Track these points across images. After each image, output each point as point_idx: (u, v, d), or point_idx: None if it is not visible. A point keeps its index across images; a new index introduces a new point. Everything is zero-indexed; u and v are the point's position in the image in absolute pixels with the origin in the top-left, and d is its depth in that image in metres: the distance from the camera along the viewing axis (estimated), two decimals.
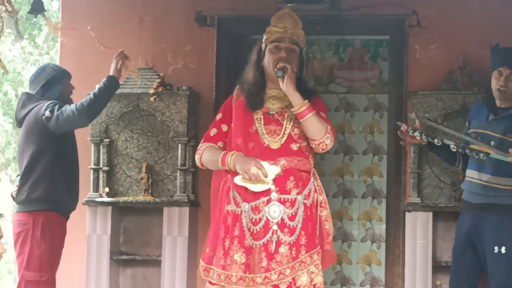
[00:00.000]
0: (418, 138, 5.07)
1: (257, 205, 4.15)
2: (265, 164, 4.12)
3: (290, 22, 4.35)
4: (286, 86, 4.19)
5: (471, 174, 5.14)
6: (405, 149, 6.24)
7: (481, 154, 4.87)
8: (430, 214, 6.11)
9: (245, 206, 4.16)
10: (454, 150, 4.99)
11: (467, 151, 4.94)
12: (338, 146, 8.11)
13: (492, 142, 4.94)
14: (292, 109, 4.22)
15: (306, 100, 4.21)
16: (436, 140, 4.96)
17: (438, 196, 6.16)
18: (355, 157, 8.13)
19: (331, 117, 7.88)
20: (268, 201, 4.14)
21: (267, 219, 4.13)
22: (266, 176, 4.10)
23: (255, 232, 4.13)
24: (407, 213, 6.18)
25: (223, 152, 4.22)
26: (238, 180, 4.15)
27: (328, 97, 8.13)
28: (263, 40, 4.37)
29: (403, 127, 5.12)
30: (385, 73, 7.66)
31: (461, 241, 5.20)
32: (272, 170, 4.13)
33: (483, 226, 5.07)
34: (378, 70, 8.10)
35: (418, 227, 6.13)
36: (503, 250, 5.02)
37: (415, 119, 5.21)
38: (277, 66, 4.22)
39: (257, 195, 4.15)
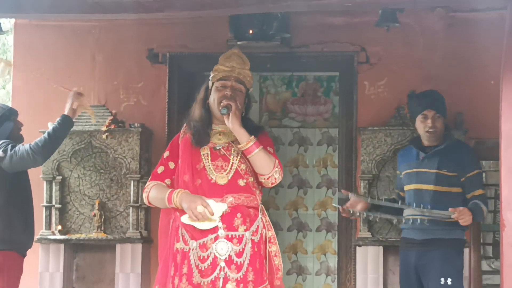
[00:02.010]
0: (362, 215, 5.35)
1: (205, 242, 4.16)
2: (211, 202, 4.14)
3: (238, 62, 4.39)
4: (232, 123, 4.22)
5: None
6: (356, 183, 6.30)
7: (424, 220, 5.07)
8: (381, 248, 6.18)
9: (193, 243, 4.17)
10: (395, 223, 5.22)
11: (408, 222, 5.16)
12: (292, 180, 8.17)
13: (424, 208, 5.09)
14: (239, 146, 4.24)
15: (253, 136, 4.23)
16: (374, 217, 5.25)
17: (388, 230, 6.22)
18: (309, 190, 8.18)
19: (284, 152, 8.07)
20: (216, 238, 4.16)
21: (215, 256, 4.14)
22: (212, 215, 4.12)
23: (203, 269, 4.14)
24: (358, 248, 6.24)
25: (170, 190, 4.23)
26: (185, 219, 4.17)
27: (282, 132, 8.21)
28: (210, 78, 4.41)
29: (341, 209, 5.31)
30: (338, 108, 7.76)
31: (408, 277, 5.28)
32: (218, 207, 4.15)
33: (428, 260, 5.16)
34: (331, 104, 8.17)
35: (369, 261, 6.18)
36: (449, 281, 5.11)
37: (347, 197, 5.32)
38: (222, 103, 4.26)
39: (205, 232, 4.17)
